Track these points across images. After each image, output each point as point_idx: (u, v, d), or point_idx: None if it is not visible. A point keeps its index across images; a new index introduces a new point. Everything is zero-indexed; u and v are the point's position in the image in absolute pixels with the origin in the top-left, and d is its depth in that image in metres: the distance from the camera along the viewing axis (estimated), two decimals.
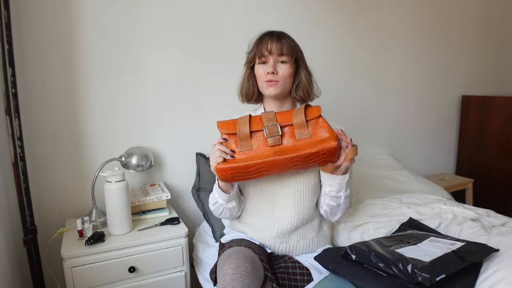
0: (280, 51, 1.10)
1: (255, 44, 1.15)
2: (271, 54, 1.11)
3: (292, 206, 1.15)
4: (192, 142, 1.75)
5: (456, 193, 2.37)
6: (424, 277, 0.86)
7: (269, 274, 1.03)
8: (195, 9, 1.68)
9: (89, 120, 1.55)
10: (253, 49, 1.15)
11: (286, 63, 1.12)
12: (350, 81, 2.15)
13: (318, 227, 1.23)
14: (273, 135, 1.03)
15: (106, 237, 1.33)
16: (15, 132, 1.30)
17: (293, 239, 1.18)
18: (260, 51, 1.12)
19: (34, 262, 1.40)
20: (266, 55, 1.11)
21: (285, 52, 1.10)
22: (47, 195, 1.51)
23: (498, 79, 2.80)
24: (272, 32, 1.15)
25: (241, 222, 1.24)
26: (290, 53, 1.11)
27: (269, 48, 1.10)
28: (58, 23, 1.44)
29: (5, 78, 1.25)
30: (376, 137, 2.32)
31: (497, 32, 2.70)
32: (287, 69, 1.12)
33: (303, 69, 1.16)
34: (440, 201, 1.57)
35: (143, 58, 1.61)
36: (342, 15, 2.05)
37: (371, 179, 2.00)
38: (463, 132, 2.63)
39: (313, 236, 1.21)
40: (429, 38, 2.39)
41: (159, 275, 1.37)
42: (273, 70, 1.10)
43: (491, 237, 1.19)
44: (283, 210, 1.16)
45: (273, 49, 1.10)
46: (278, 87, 1.12)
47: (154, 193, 1.54)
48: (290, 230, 1.17)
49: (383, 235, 1.31)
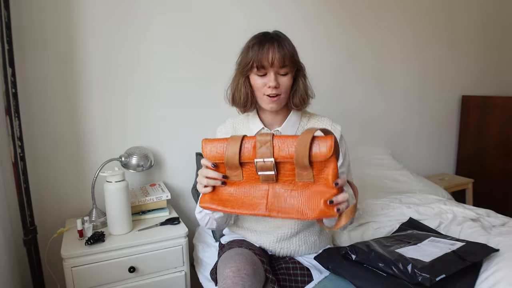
0: (282, 63, 1.00)
1: (252, 50, 1.02)
2: (272, 66, 1.00)
3: None
4: (192, 142, 1.75)
5: (456, 193, 2.37)
6: (424, 277, 0.86)
7: (270, 276, 1.03)
8: (195, 10, 1.68)
9: (89, 120, 1.55)
10: (250, 56, 1.02)
11: (288, 74, 1.03)
12: (350, 81, 2.15)
13: (320, 229, 1.21)
14: (266, 172, 0.82)
15: (106, 237, 1.32)
16: (15, 132, 1.30)
17: (294, 243, 1.17)
18: (260, 61, 1.00)
19: (34, 262, 1.40)
20: (266, 66, 1.01)
21: (287, 63, 1.01)
22: (47, 195, 1.51)
23: (498, 79, 2.80)
24: (270, 36, 1.03)
25: (239, 227, 1.22)
26: (292, 64, 1.03)
27: (271, 59, 0.99)
28: (58, 23, 1.44)
29: (5, 78, 1.25)
30: (376, 137, 2.32)
31: (498, 32, 2.70)
32: (288, 81, 1.04)
33: (301, 77, 1.08)
34: (440, 201, 1.57)
35: (143, 58, 1.61)
36: (342, 15, 2.05)
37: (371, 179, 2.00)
38: (463, 132, 2.63)
39: (315, 239, 1.19)
40: (429, 38, 2.39)
41: (159, 275, 1.37)
42: (276, 85, 1.01)
43: (491, 237, 1.19)
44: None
45: (275, 61, 0.99)
46: (280, 101, 1.05)
47: (154, 193, 1.54)
48: (291, 235, 1.15)
49: (383, 235, 1.31)
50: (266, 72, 1.02)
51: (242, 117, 1.21)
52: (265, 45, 1.01)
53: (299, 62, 1.08)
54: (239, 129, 1.19)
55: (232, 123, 1.21)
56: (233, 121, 1.21)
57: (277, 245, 1.16)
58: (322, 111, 1.17)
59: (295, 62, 1.05)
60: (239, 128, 1.19)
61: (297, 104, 1.08)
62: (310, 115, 1.18)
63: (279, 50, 1.00)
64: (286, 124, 1.12)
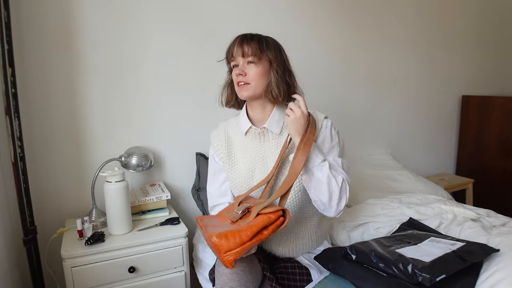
0: (248, 51, 1.06)
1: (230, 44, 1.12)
2: (243, 56, 1.07)
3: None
4: (192, 142, 1.75)
5: (456, 193, 2.37)
6: (425, 277, 0.86)
7: (268, 274, 1.03)
8: (195, 10, 1.68)
9: (89, 120, 1.54)
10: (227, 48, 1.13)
11: (254, 63, 1.07)
12: (350, 81, 2.15)
13: (316, 225, 1.21)
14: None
15: (106, 237, 1.32)
16: (15, 132, 1.30)
17: (291, 240, 1.17)
18: (231, 51, 1.10)
19: (34, 262, 1.40)
20: (235, 56, 1.09)
21: (250, 53, 1.06)
22: (47, 195, 1.51)
23: (498, 79, 2.80)
24: (244, 34, 1.11)
25: None
26: (255, 53, 1.06)
27: (237, 48, 1.08)
28: (58, 23, 1.44)
29: (5, 78, 1.25)
30: (376, 137, 2.32)
31: (497, 32, 2.70)
32: (255, 69, 1.07)
33: (273, 70, 1.08)
34: (440, 201, 1.57)
35: (144, 58, 1.61)
36: (342, 15, 2.05)
37: (371, 179, 2.00)
38: (463, 132, 2.63)
39: (311, 234, 1.20)
40: (430, 38, 2.39)
41: (159, 275, 1.37)
42: (240, 72, 1.07)
43: (491, 237, 1.19)
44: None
45: (243, 49, 1.07)
46: (248, 89, 1.07)
47: (154, 193, 1.54)
48: (286, 232, 1.16)
49: (383, 235, 1.31)
50: (237, 63, 1.09)
51: (232, 119, 1.24)
52: (238, 37, 1.10)
53: (272, 55, 1.08)
54: (230, 132, 1.21)
55: (224, 127, 1.23)
56: (225, 125, 1.24)
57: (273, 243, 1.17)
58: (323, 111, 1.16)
59: (261, 51, 1.07)
60: (230, 131, 1.21)
61: (270, 99, 1.09)
62: None
63: (247, 41, 1.07)
64: (270, 120, 1.12)
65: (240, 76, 1.07)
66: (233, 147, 1.19)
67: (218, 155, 1.20)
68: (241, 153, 1.17)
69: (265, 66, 1.08)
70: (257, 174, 1.14)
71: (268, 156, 1.14)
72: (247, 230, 0.89)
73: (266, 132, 1.14)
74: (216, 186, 1.22)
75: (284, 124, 1.13)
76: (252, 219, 0.93)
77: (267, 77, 1.08)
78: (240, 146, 1.18)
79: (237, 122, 1.20)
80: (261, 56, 1.07)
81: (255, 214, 0.94)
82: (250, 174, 1.14)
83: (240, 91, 1.09)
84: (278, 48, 1.11)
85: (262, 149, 1.14)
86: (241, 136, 1.18)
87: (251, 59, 1.07)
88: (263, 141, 1.15)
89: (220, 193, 1.22)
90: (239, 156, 1.17)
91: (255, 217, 0.94)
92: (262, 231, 0.91)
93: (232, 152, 1.19)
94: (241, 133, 1.17)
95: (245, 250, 0.88)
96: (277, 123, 1.13)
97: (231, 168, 1.18)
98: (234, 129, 1.21)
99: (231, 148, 1.19)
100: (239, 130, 1.18)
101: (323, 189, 1.02)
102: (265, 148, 1.14)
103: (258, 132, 1.14)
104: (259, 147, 1.15)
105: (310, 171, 1.03)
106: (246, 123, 1.14)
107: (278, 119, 1.13)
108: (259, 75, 1.07)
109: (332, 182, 1.02)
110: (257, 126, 1.14)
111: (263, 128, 1.13)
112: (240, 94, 1.10)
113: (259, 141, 1.15)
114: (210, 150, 1.24)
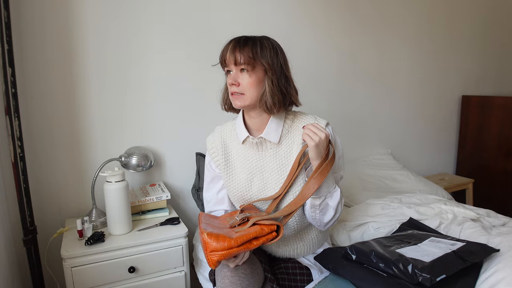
0: (238, 60, 1.00)
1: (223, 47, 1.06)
2: (235, 64, 1.01)
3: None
4: (192, 142, 1.74)
5: (456, 193, 2.38)
6: (425, 277, 0.86)
7: (269, 275, 1.03)
8: (195, 10, 1.68)
9: (89, 120, 1.54)
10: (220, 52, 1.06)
11: (247, 71, 1.00)
12: (350, 81, 2.15)
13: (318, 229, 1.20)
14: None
15: (106, 237, 1.32)
16: (15, 132, 1.30)
17: (292, 243, 1.17)
18: (223, 56, 1.03)
19: (34, 262, 1.40)
20: (228, 63, 1.02)
21: (242, 61, 0.99)
22: (47, 195, 1.51)
23: (499, 79, 2.80)
24: (245, 37, 1.04)
25: None
26: (248, 61, 0.99)
27: (229, 55, 1.01)
28: (58, 23, 1.44)
29: (5, 78, 1.25)
30: (376, 137, 2.32)
31: (498, 32, 2.70)
32: (248, 79, 1.00)
33: (268, 79, 1.01)
34: (440, 201, 1.57)
35: (143, 58, 1.61)
36: (343, 15, 2.05)
37: (371, 179, 2.00)
38: (463, 132, 2.63)
39: (312, 238, 1.19)
40: (430, 38, 2.39)
41: (159, 275, 1.37)
42: (233, 82, 1.01)
43: (491, 237, 1.18)
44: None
45: (235, 56, 1.00)
46: (242, 99, 1.02)
47: (154, 193, 1.54)
48: (289, 236, 1.15)
49: (383, 235, 1.31)
50: (230, 69, 1.03)
51: (229, 124, 1.19)
52: (231, 42, 1.03)
53: (267, 62, 1.01)
54: (226, 138, 1.16)
55: (220, 132, 1.18)
56: (221, 130, 1.19)
57: (274, 245, 1.16)
58: (323, 111, 1.17)
59: (252, 59, 0.99)
60: (226, 137, 1.17)
61: (264, 109, 1.03)
62: (295, 116, 1.12)
63: (240, 47, 1.00)
64: (268, 130, 1.07)
65: (233, 86, 1.02)
66: (230, 155, 1.15)
67: (215, 163, 1.16)
68: (239, 162, 1.13)
69: (259, 75, 1.01)
70: (255, 184, 1.11)
71: (266, 166, 1.10)
72: (237, 237, 0.90)
73: (264, 142, 1.09)
74: (213, 192, 1.21)
75: (282, 133, 1.09)
76: (247, 228, 0.94)
77: (262, 86, 1.02)
78: (238, 154, 1.14)
79: (234, 128, 1.16)
80: (255, 64, 1.00)
81: (251, 224, 0.95)
82: (249, 183, 1.12)
83: (234, 101, 1.04)
84: (275, 52, 1.03)
85: (260, 159, 1.11)
86: (238, 144, 1.13)
87: (243, 67, 1.00)
88: (261, 150, 1.10)
89: (216, 200, 1.20)
90: (237, 165, 1.14)
91: (250, 226, 0.95)
92: (252, 241, 0.92)
93: (229, 160, 1.15)
94: (238, 141, 1.13)
95: (230, 254, 0.89)
96: (275, 132, 1.08)
97: (229, 177, 1.15)
98: (231, 135, 1.16)
99: (228, 156, 1.15)
100: (236, 138, 1.14)
101: (328, 213, 1.06)
102: (263, 158, 1.10)
103: (255, 142, 1.09)
104: (257, 157, 1.11)
105: (322, 196, 1.03)
106: (243, 132, 1.10)
107: (275, 128, 1.08)
108: (253, 85, 1.01)
109: (339, 208, 1.06)
110: (254, 135, 1.10)
111: (260, 138, 1.08)
112: (234, 104, 1.05)
113: (257, 151, 1.11)
114: (207, 157, 1.21)
